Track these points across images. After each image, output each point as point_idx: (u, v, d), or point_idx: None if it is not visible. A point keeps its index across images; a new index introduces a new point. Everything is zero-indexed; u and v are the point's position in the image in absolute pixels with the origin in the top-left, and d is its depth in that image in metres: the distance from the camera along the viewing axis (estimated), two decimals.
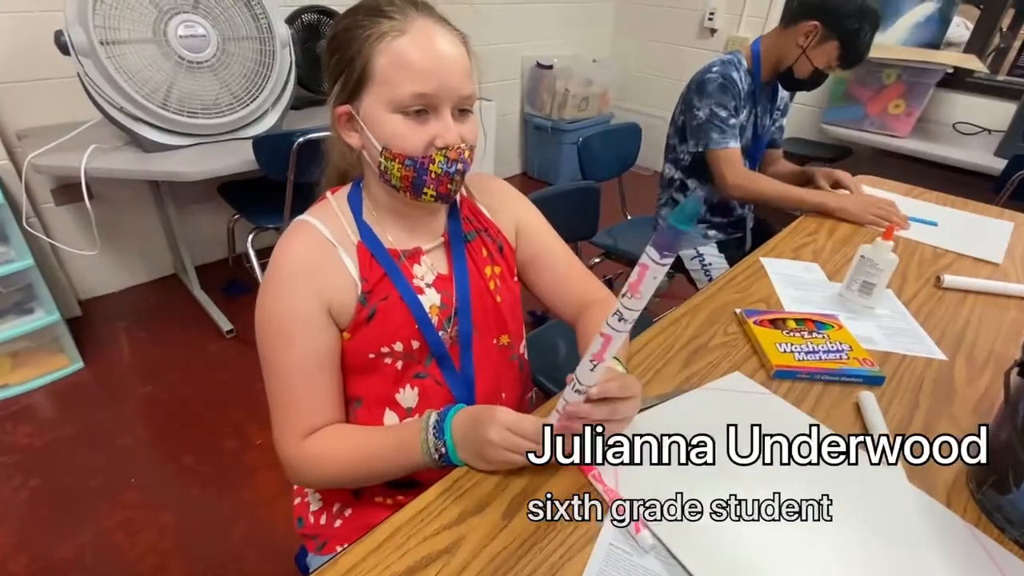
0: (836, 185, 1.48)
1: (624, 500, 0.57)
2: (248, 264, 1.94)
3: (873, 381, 0.79)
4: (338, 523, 0.75)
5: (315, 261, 0.65)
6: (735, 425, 0.69)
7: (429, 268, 0.71)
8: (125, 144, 1.71)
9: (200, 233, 2.33)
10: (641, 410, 0.70)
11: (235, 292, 2.24)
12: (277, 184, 1.73)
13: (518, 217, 0.80)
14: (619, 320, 0.51)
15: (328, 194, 0.72)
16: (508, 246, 0.78)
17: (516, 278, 0.80)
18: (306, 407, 0.67)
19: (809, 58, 1.37)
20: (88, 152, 1.57)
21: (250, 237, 1.89)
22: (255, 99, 1.79)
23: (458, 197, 0.76)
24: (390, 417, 0.72)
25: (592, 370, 0.55)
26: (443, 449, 0.61)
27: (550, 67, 3.18)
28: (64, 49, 1.49)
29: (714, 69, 1.41)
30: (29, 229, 1.68)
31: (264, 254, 2.07)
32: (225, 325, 2.01)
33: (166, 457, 1.55)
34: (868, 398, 0.73)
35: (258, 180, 1.91)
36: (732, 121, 1.41)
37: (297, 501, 0.82)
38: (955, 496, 0.63)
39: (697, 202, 0.47)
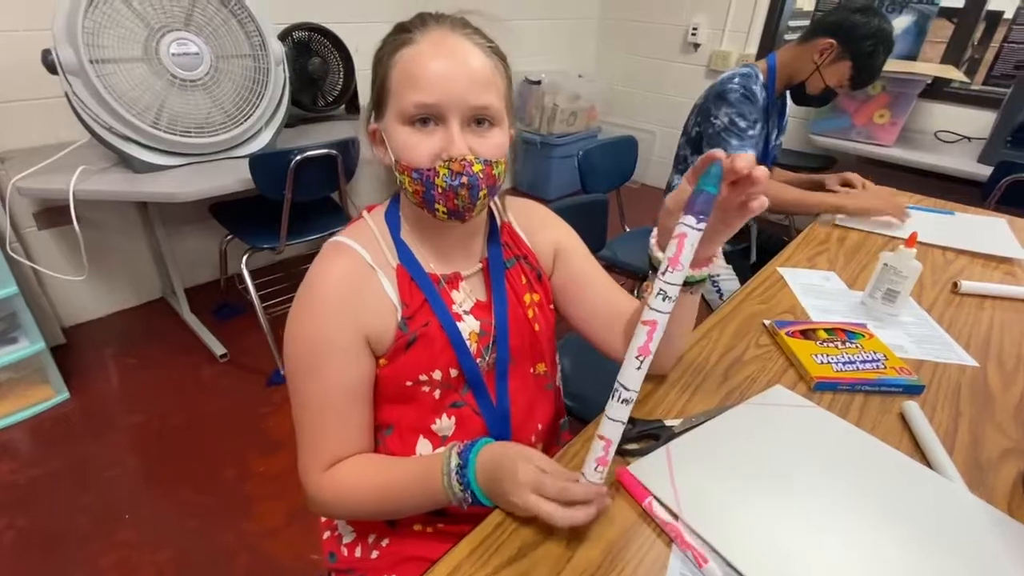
0: (847, 185, 1.51)
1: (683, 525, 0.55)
2: (241, 286, 1.88)
3: (913, 390, 0.78)
4: (375, 554, 0.71)
5: (354, 286, 0.62)
6: (788, 440, 0.68)
7: (467, 295, 0.69)
8: (114, 165, 1.65)
9: (189, 255, 2.26)
10: (689, 428, 0.69)
11: (227, 315, 2.17)
12: (270, 203, 1.69)
13: (556, 240, 0.77)
14: (663, 300, 0.50)
15: (364, 213, 0.69)
16: (545, 274, 0.76)
17: (552, 306, 0.77)
18: (333, 437, 0.64)
19: (822, 75, 1.39)
20: (76, 174, 1.51)
21: (244, 258, 1.83)
22: (249, 117, 1.75)
23: (499, 221, 0.74)
24: (423, 445, 0.69)
25: (639, 368, 0.52)
26: (471, 498, 0.57)
27: (538, 82, 3.20)
28: (51, 68, 1.44)
29: (735, 80, 1.42)
30: (12, 255, 1.61)
31: (258, 275, 2.03)
32: (218, 349, 1.94)
33: (161, 490, 1.48)
34: (913, 408, 0.73)
35: (251, 200, 1.87)
36: (751, 132, 1.41)
37: (326, 535, 0.77)
38: (1016, 504, 0.62)
39: (720, 166, 0.50)
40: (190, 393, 1.81)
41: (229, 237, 1.92)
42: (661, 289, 0.50)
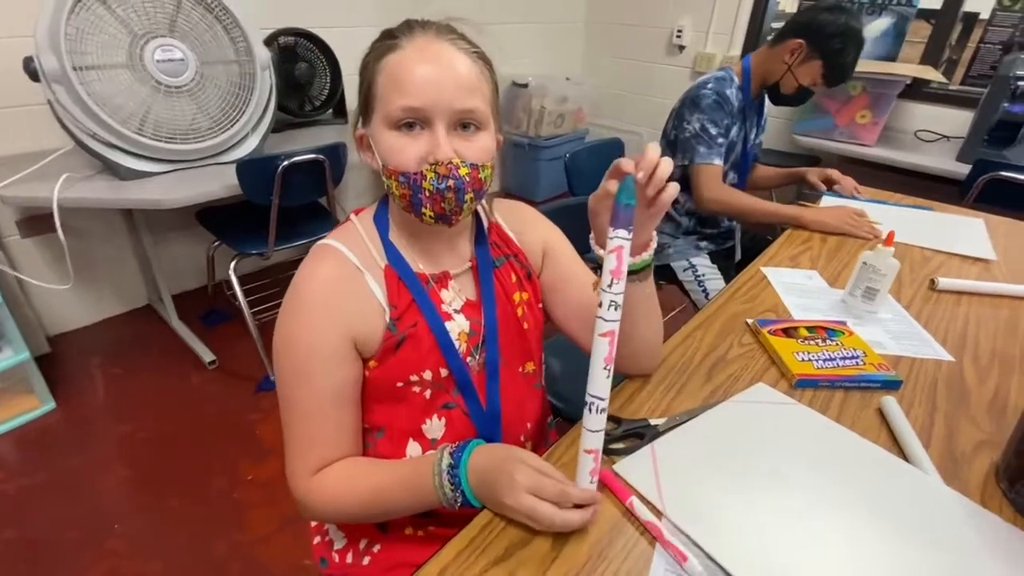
0: (828, 182, 1.54)
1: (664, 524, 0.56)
2: (230, 291, 1.88)
3: (891, 385, 0.80)
4: (367, 560, 0.72)
5: (340, 289, 0.63)
6: (770, 437, 0.69)
7: (457, 293, 0.69)
8: (98, 172, 1.64)
9: (176, 261, 2.25)
10: (673, 426, 0.70)
11: (215, 321, 2.16)
12: (257, 209, 1.68)
13: (544, 240, 0.78)
14: (615, 310, 0.52)
15: (352, 215, 0.70)
16: (535, 273, 0.77)
17: (540, 305, 0.78)
18: (321, 442, 0.64)
19: (794, 75, 1.41)
20: (60, 181, 1.50)
21: (232, 264, 1.83)
22: (235, 123, 1.75)
23: (485, 222, 0.75)
24: (413, 448, 0.70)
25: (608, 377, 0.54)
26: (460, 499, 0.58)
27: (525, 85, 3.22)
28: (34, 76, 1.43)
29: (708, 86, 1.44)
30: None
31: (246, 280, 2.02)
32: (207, 356, 1.93)
33: (151, 500, 1.47)
34: (891, 403, 0.74)
35: (237, 205, 1.87)
36: (720, 140, 1.44)
37: (317, 540, 0.78)
38: (988, 495, 0.64)
39: (632, 179, 0.53)
40: (178, 401, 1.80)
41: (216, 243, 1.92)
42: (612, 301, 0.52)
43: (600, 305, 0.52)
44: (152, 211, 1.91)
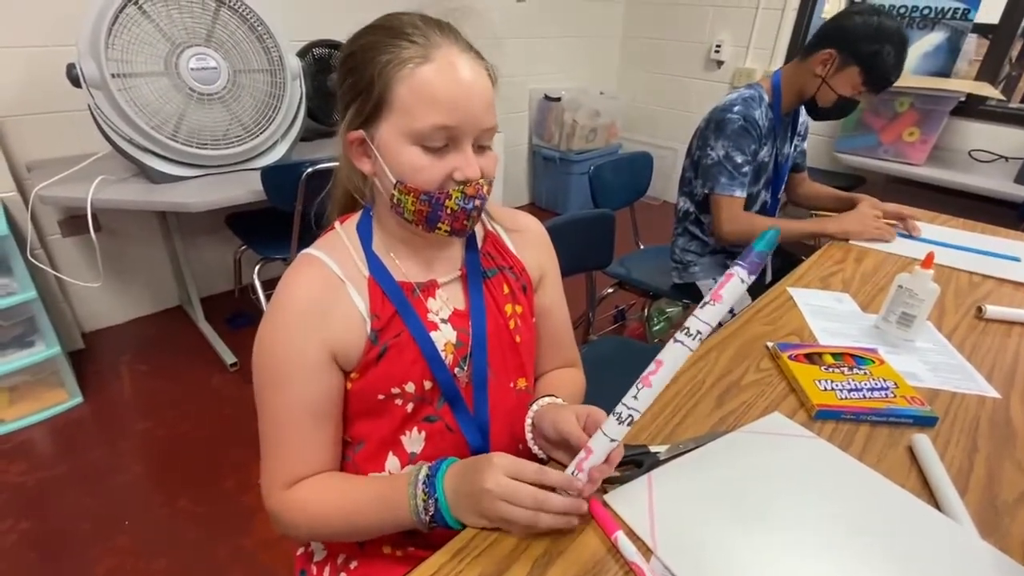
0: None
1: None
2: (254, 296, 1.90)
3: (925, 422, 0.72)
4: None
5: (320, 299, 0.61)
6: (782, 474, 0.63)
7: (444, 302, 0.66)
8: (133, 175, 1.70)
9: (206, 264, 2.31)
10: (675, 455, 0.65)
11: (240, 324, 2.19)
12: (284, 215, 1.70)
13: (543, 264, 0.76)
14: (694, 339, 0.50)
15: (336, 224, 0.68)
16: (531, 287, 0.74)
17: (535, 320, 0.75)
18: (296, 455, 0.62)
19: (831, 86, 1.32)
20: (95, 183, 1.56)
21: (256, 268, 1.85)
22: (264, 130, 1.79)
23: (480, 231, 0.72)
24: (392, 462, 0.66)
25: (650, 394, 0.52)
26: (432, 509, 0.55)
27: (558, 99, 3.20)
28: (75, 82, 1.49)
29: (735, 109, 1.36)
30: (33, 261, 1.66)
31: (270, 285, 2.04)
32: (229, 358, 1.96)
33: (162, 498, 1.48)
34: (923, 441, 0.67)
35: (265, 211, 1.90)
36: (745, 169, 1.37)
37: (300, 551, 0.75)
38: None
39: (779, 231, 0.51)
40: (198, 401, 1.82)
41: (243, 247, 1.95)
42: (698, 330, 0.49)
43: (686, 329, 0.50)
44: (185, 215, 1.96)
